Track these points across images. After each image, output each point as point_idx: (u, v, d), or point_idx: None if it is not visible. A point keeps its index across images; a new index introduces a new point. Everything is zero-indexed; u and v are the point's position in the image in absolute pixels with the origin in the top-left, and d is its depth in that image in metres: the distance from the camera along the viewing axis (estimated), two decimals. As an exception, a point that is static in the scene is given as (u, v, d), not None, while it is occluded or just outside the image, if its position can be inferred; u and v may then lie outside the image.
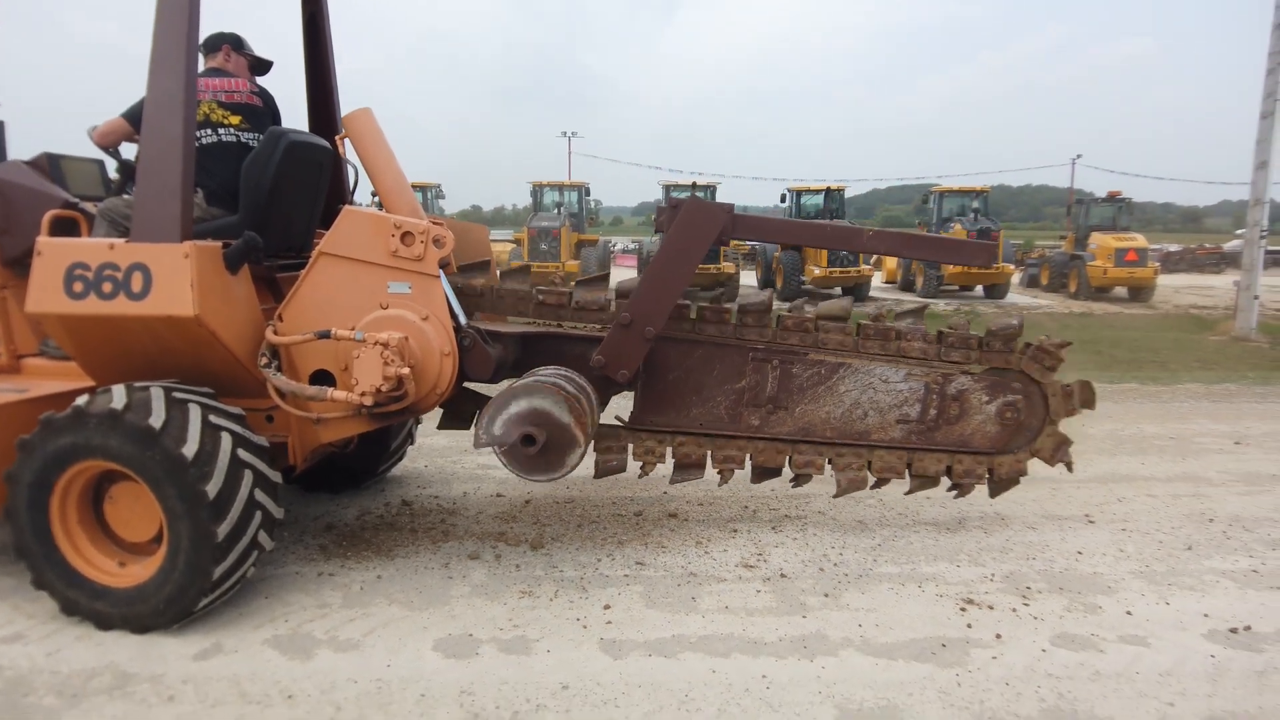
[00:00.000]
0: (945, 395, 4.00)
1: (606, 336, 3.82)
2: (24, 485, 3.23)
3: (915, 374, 3.99)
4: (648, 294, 3.77)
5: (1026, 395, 4.05)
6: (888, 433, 4.04)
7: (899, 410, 4.01)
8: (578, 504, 4.75)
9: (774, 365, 3.97)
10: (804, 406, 4.02)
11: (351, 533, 4.28)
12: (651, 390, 4.04)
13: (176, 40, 3.27)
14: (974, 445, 4.09)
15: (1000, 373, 4.05)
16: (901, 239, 4.07)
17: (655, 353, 3.93)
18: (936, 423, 4.02)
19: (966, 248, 4.12)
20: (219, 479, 3.12)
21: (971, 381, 4.02)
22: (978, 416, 4.05)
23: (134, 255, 3.25)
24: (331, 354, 3.50)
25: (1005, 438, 4.08)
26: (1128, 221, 22.69)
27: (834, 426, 4.03)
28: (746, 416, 4.02)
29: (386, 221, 3.42)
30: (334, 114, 4.52)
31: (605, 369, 3.81)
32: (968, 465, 4.12)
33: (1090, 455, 5.91)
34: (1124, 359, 11.47)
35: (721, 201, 3.86)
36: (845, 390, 4.01)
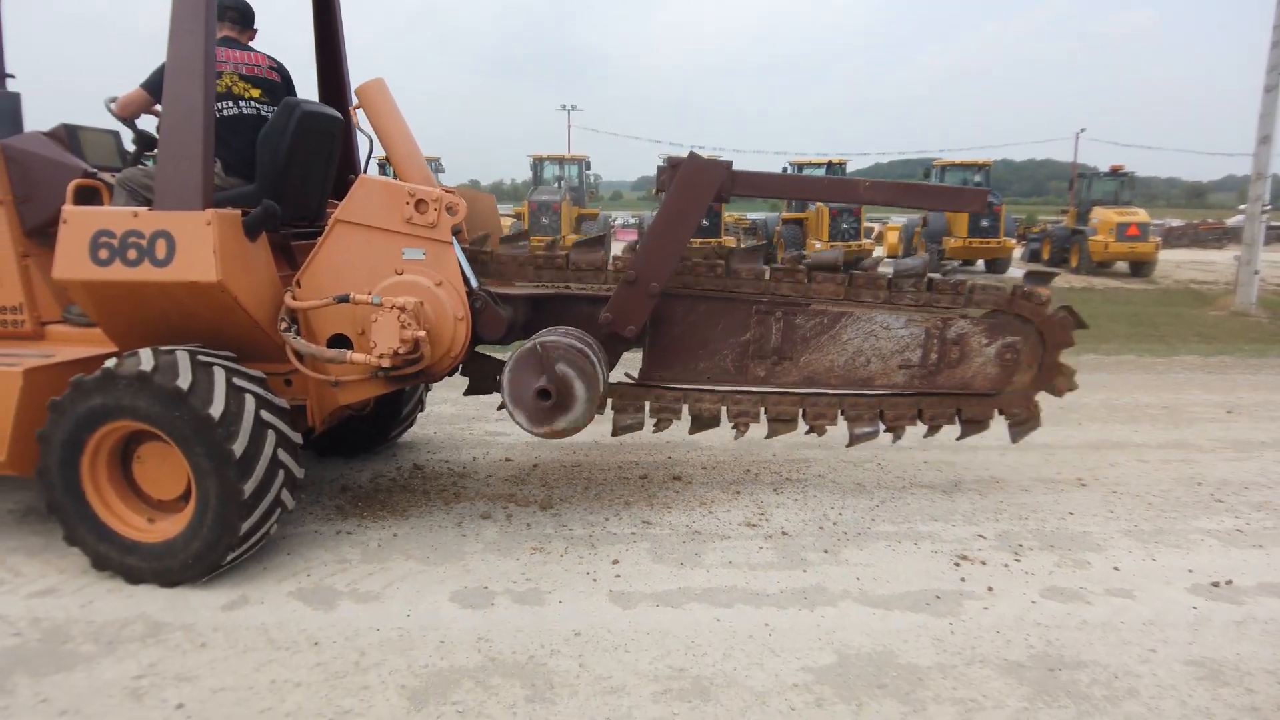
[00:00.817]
0: (945, 340, 4.07)
1: (613, 294, 3.91)
2: (56, 445, 3.36)
3: (915, 320, 4.06)
4: (651, 251, 3.86)
5: (1024, 335, 4.13)
6: (890, 378, 4.13)
7: (901, 356, 4.09)
8: (584, 467, 4.89)
9: (777, 317, 4.05)
10: (807, 356, 4.10)
11: (366, 494, 4.43)
12: (658, 346, 4.14)
13: (195, 10, 3.35)
14: (975, 388, 4.17)
15: (1004, 315, 4.11)
16: (898, 189, 4.10)
17: (661, 309, 4.01)
18: (938, 367, 4.10)
19: (962, 194, 4.17)
20: (244, 438, 3.25)
21: (970, 325, 4.08)
22: (978, 359, 4.12)
23: (157, 223, 3.36)
24: (349, 318, 3.62)
25: (1005, 379, 4.16)
26: (1130, 196, 22.70)
27: (838, 374, 4.11)
28: (753, 368, 4.11)
29: (401, 189, 3.53)
30: (343, 84, 4.60)
31: (612, 326, 3.89)
32: (976, 409, 4.22)
33: (1084, 422, 6.05)
34: (1123, 333, 11.56)
35: (720, 159, 3.92)
36: (848, 339, 4.08)
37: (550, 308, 4.08)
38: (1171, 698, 2.69)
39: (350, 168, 4.61)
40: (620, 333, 3.91)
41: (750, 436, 5.48)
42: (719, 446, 5.34)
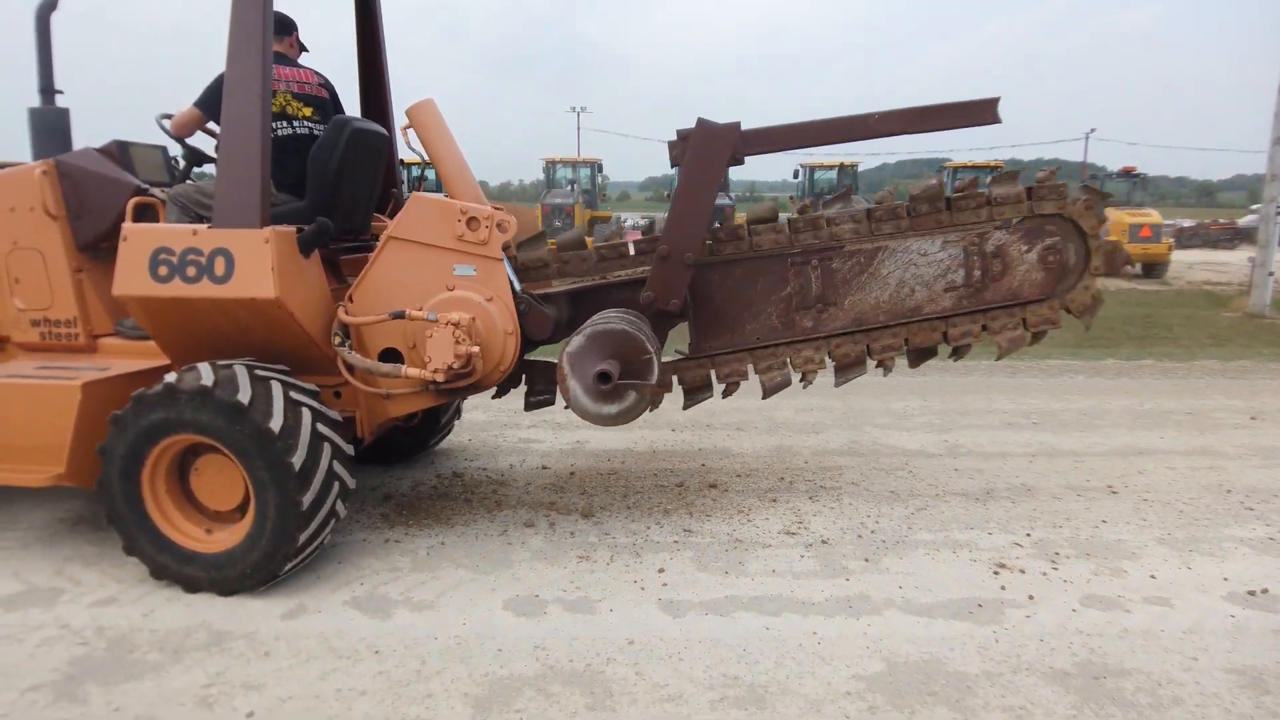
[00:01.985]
0: (985, 254, 4.02)
1: (650, 272, 3.94)
2: (117, 458, 3.45)
3: (951, 240, 4.02)
4: (678, 223, 3.87)
5: (1063, 235, 4.04)
6: (939, 303, 4.07)
7: (944, 279, 4.04)
8: (620, 475, 4.97)
9: (814, 265, 4.04)
10: (852, 297, 4.08)
11: (409, 502, 4.51)
12: (703, 316, 4.14)
13: (253, 31, 3.44)
14: (1024, 296, 4.08)
15: (1037, 219, 4.05)
16: (909, 115, 3.93)
17: (698, 280, 4.04)
18: (984, 283, 4.04)
19: (972, 107, 3.94)
20: (302, 451, 3.34)
21: (1006, 235, 4.02)
22: (1021, 267, 4.04)
23: (217, 240, 3.45)
24: (400, 333, 3.70)
25: (1053, 282, 4.05)
26: (1142, 197, 22.69)
27: (885, 310, 4.08)
28: (799, 321, 4.10)
29: (453, 207, 3.61)
30: (386, 100, 4.69)
31: (656, 303, 3.92)
32: (1014, 317, 4.14)
33: (1109, 429, 6.10)
34: (1138, 335, 11.59)
35: (734, 122, 3.86)
36: (888, 273, 4.05)
37: (592, 300, 4.11)
38: (1215, 705, 2.75)
39: (391, 182, 4.70)
40: (664, 308, 3.93)
41: (783, 443, 5.58)
42: (751, 453, 5.41)
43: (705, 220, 3.89)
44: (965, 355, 4.24)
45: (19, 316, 4.18)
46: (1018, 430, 6.05)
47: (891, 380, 7.79)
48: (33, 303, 4.16)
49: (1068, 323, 4.28)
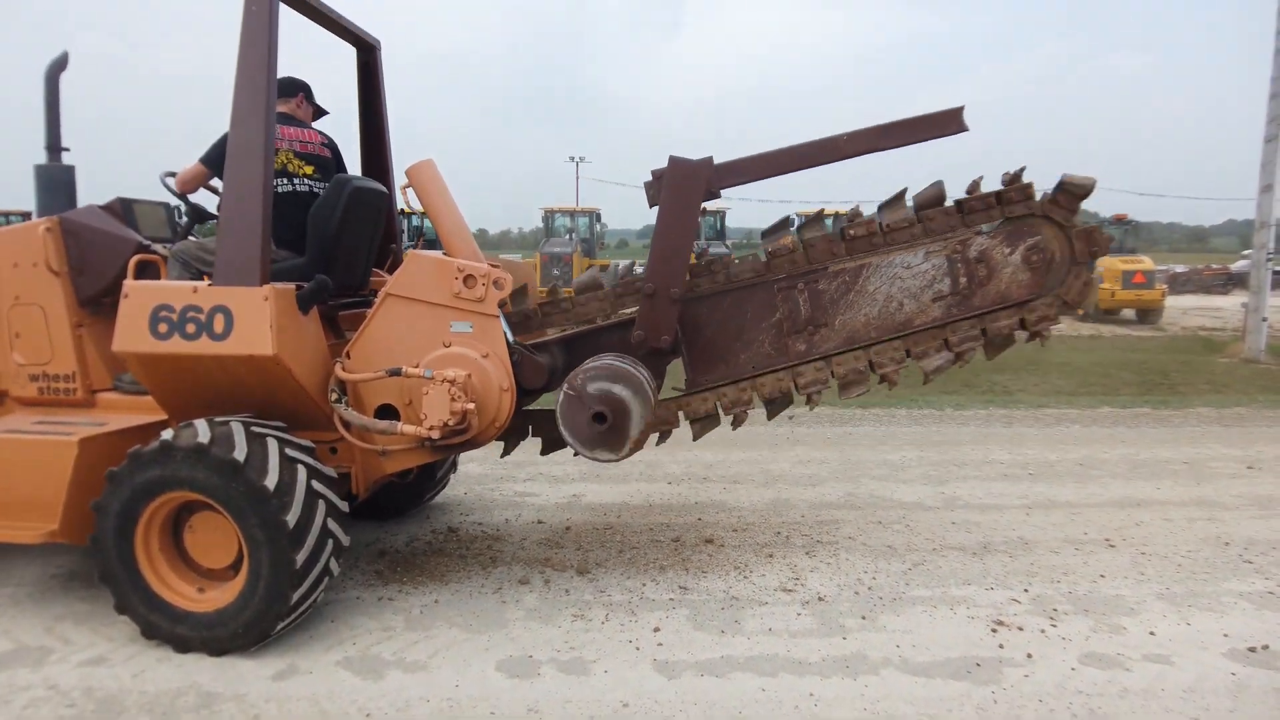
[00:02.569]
0: (969, 260, 3.99)
1: (638, 310, 3.96)
2: (112, 515, 3.44)
3: (934, 251, 4.00)
4: (660, 259, 3.90)
5: (1050, 243, 3.98)
6: (929, 314, 4.04)
7: (931, 290, 4.02)
8: (616, 530, 4.95)
9: (800, 288, 4.04)
10: (842, 318, 4.06)
11: (404, 558, 4.49)
12: (696, 351, 4.14)
13: (257, 95, 3.53)
14: (1014, 298, 4.03)
15: (1014, 221, 4.01)
16: (876, 132, 3.95)
17: (687, 314, 4.05)
18: (970, 289, 4.02)
19: (937, 118, 3.93)
20: (297, 509, 3.34)
21: (988, 239, 4.00)
22: (1007, 269, 4.01)
23: (216, 298, 3.49)
24: (396, 389, 3.73)
25: (1039, 280, 4.01)
26: (1134, 243, 22.94)
27: (875, 325, 4.06)
28: (792, 345, 4.09)
29: (450, 265, 3.67)
30: (386, 157, 4.78)
31: (647, 341, 3.94)
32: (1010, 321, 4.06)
33: (1105, 480, 6.10)
34: (1134, 382, 11.64)
35: (706, 157, 3.89)
36: (875, 288, 4.03)
37: (584, 345, 4.14)
38: (1219, 770, 2.72)
39: (390, 238, 4.77)
40: (656, 345, 3.95)
41: (779, 496, 5.56)
42: (748, 507, 5.40)
43: (686, 255, 3.92)
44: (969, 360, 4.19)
45: (18, 371, 4.21)
46: (1014, 481, 6.04)
47: (888, 431, 7.81)
48: (32, 357, 4.19)
49: (1066, 371, 4.30)
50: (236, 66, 3.54)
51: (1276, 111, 14.61)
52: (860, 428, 7.94)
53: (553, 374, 3.98)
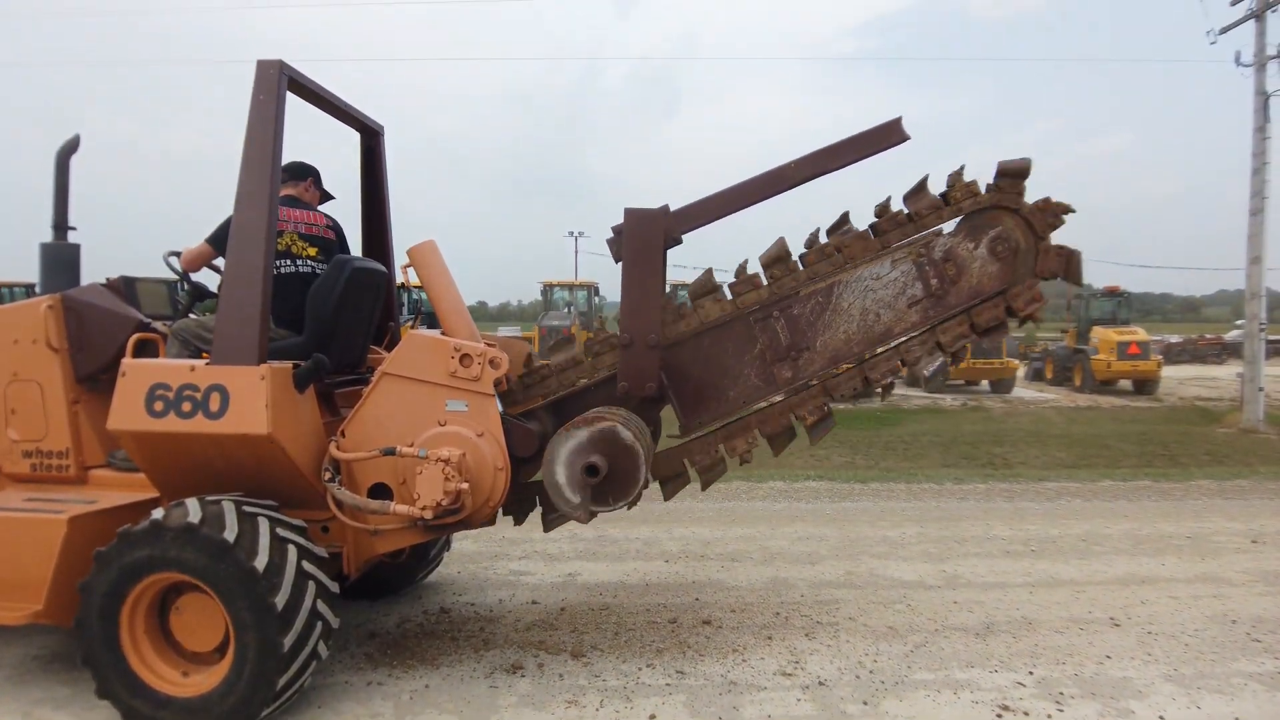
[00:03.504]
0: (936, 262, 3.96)
1: (619, 362, 3.95)
2: (98, 596, 3.39)
3: (899, 258, 3.98)
4: (631, 311, 3.91)
5: (1012, 231, 3.95)
6: (907, 320, 4.00)
7: (905, 296, 3.98)
8: (612, 611, 4.85)
9: (776, 316, 4.01)
10: (823, 338, 4.02)
11: (394, 641, 4.39)
12: (685, 394, 4.10)
13: (261, 180, 3.62)
14: (987, 290, 3.99)
15: (971, 217, 3.98)
16: (823, 154, 3.98)
17: (670, 360, 4.02)
18: (943, 289, 3.97)
19: (878, 133, 3.97)
20: (286, 591, 3.28)
21: (950, 239, 3.98)
22: (975, 264, 3.97)
23: (213, 377, 3.51)
24: (390, 468, 3.71)
25: (1010, 270, 3.96)
26: (1128, 315, 23.18)
27: (857, 340, 4.01)
28: (778, 373, 4.04)
29: (447, 344, 3.70)
30: (387, 236, 4.87)
31: (632, 390, 3.92)
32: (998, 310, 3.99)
33: (1109, 556, 6.02)
34: (1134, 453, 11.61)
35: (661, 206, 3.95)
36: (849, 304, 4.00)
37: (572, 406, 4.11)
38: None
39: (389, 316, 4.82)
40: (641, 394, 3.93)
41: (778, 574, 5.47)
42: (746, 586, 5.31)
43: (657, 302, 3.93)
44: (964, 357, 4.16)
45: (11, 447, 4.19)
46: (1016, 558, 5.96)
47: (889, 506, 7.74)
48: (27, 434, 4.18)
49: (1065, 443, 4.30)
50: (243, 151, 3.65)
51: (1259, 186, 15.00)
52: (859, 503, 7.87)
53: (543, 440, 3.96)
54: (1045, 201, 3.92)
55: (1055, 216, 3.91)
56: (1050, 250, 3.92)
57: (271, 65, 3.69)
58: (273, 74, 3.67)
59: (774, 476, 9.02)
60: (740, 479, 8.94)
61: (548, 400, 4.11)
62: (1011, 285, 3.97)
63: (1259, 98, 15.00)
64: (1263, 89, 14.93)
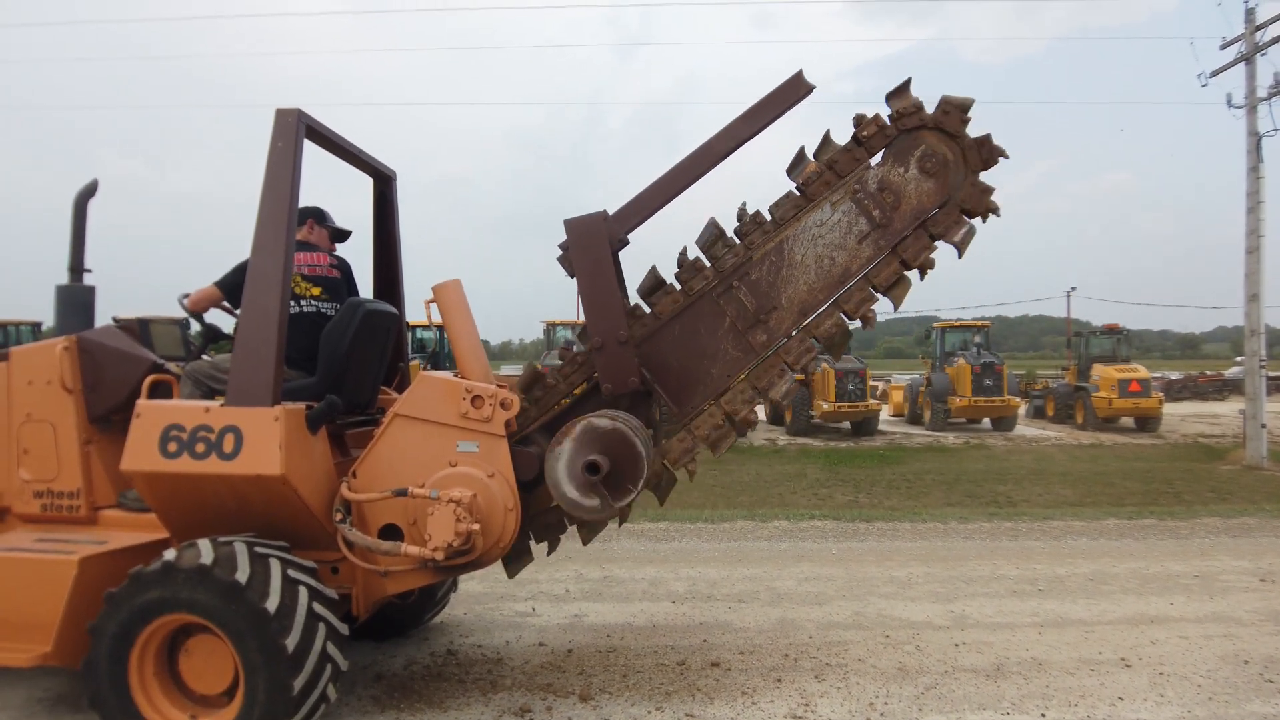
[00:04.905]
0: (873, 194, 3.98)
1: (598, 365, 3.96)
2: (108, 637, 3.38)
3: (836, 200, 4.01)
4: (594, 314, 3.95)
5: (934, 145, 3.99)
6: (862, 255, 4.02)
7: (854, 234, 4.00)
8: (620, 653, 4.82)
9: (736, 285, 4.02)
10: (787, 293, 4.03)
11: (401, 683, 4.36)
12: (671, 385, 4.09)
13: (278, 227, 3.70)
14: (929, 208, 4.01)
15: (895, 143, 4.01)
16: (739, 122, 4.05)
17: (647, 355, 4.04)
18: (888, 217, 3.99)
19: (784, 90, 4.02)
20: (297, 633, 3.28)
21: (881, 169, 4.01)
22: (911, 186, 3.99)
23: (227, 418, 3.55)
24: (401, 509, 3.73)
25: (944, 186, 3.98)
26: (1128, 352, 23.24)
27: (822, 288, 4.03)
28: (753, 339, 4.05)
29: (459, 386, 3.74)
30: (397, 280, 4.94)
31: (617, 389, 3.93)
32: (951, 217, 4.00)
33: (1117, 596, 5.99)
34: (1138, 491, 11.58)
35: (597, 211, 4.00)
36: (803, 255, 4.02)
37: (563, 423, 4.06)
38: None
39: (400, 356, 4.87)
40: (625, 390, 3.94)
41: (786, 615, 5.44)
42: (754, 628, 5.28)
43: (617, 301, 3.96)
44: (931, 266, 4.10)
45: (23, 488, 4.21)
46: (1024, 598, 5.93)
47: (895, 545, 7.71)
48: (39, 474, 4.20)
49: (1069, 480, 4.31)
50: (260, 198, 3.73)
51: (1255, 225, 15.16)
52: (864, 542, 7.84)
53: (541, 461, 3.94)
54: (986, 138, 3.98)
55: (991, 155, 3.96)
56: (978, 185, 3.98)
57: (290, 114, 3.79)
58: (291, 122, 3.77)
59: (778, 515, 9.00)
60: (745, 518, 8.92)
61: (542, 420, 4.11)
62: (949, 198, 4.00)
63: (1251, 138, 15.24)
64: (1255, 130, 15.17)
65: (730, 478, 12.32)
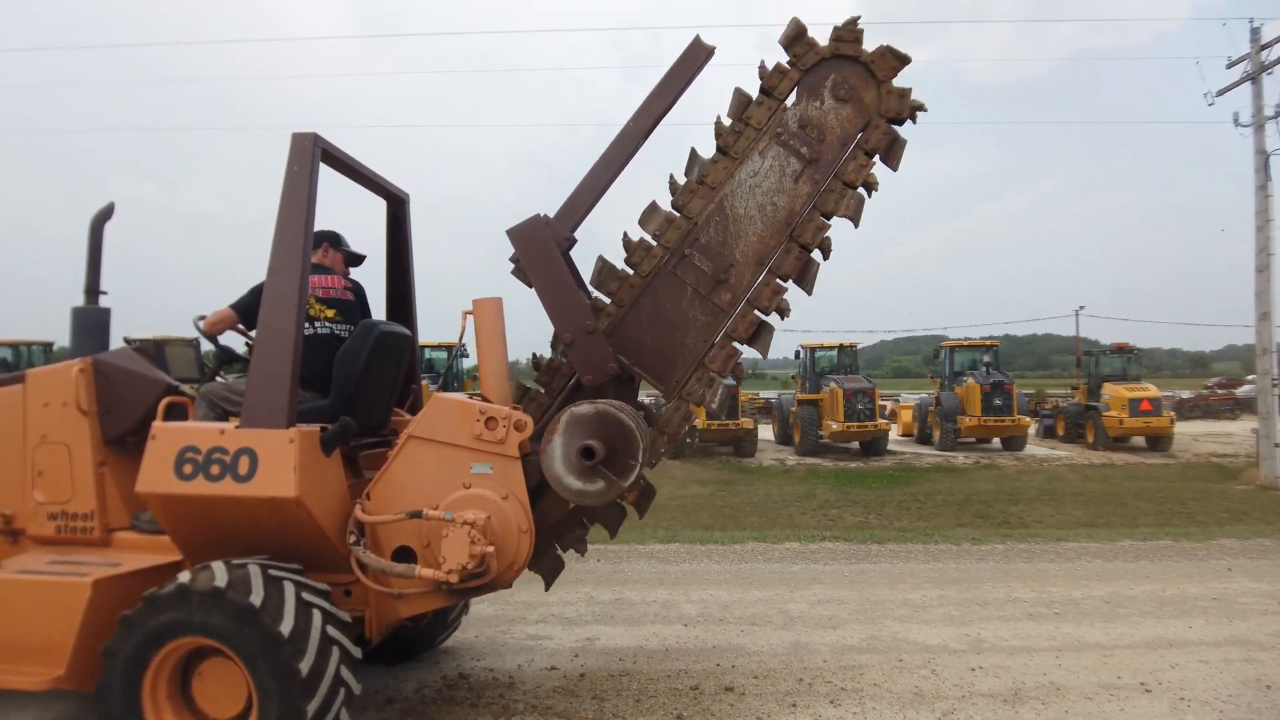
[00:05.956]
0: (795, 132, 4.00)
1: (572, 359, 3.97)
2: (121, 660, 3.36)
3: (761, 148, 4.03)
4: (556, 312, 3.95)
5: (844, 74, 4.03)
6: (801, 192, 4.02)
7: (788, 175, 4.01)
8: (633, 677, 4.78)
9: (688, 253, 4.03)
10: (740, 248, 4.04)
11: (413, 707, 4.32)
12: (651, 365, 4.09)
13: (293, 250, 3.72)
14: (854, 129, 4.02)
15: (804, 79, 4.03)
16: (650, 99, 4.12)
17: (619, 342, 4.03)
18: (817, 151, 4.01)
19: (687, 57, 4.10)
20: (310, 656, 3.26)
21: (797, 108, 4.03)
22: (831, 114, 4.02)
23: (242, 440, 3.55)
24: (415, 531, 3.71)
25: (862, 106, 4.01)
26: (1138, 371, 23.11)
27: (771, 235, 4.03)
28: (719, 299, 4.04)
29: (472, 408, 3.74)
30: (410, 301, 4.96)
31: (596, 379, 3.92)
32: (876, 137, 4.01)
33: (1134, 619, 5.92)
34: (1151, 511, 11.48)
35: (533, 216, 4.03)
36: (745, 208, 4.03)
37: None
38: None
39: (412, 378, 4.88)
40: (605, 377, 3.92)
41: (799, 639, 5.39)
42: (767, 651, 5.23)
43: (575, 295, 3.98)
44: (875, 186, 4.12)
45: (37, 509, 4.21)
46: (1040, 621, 5.86)
47: (907, 568, 7.64)
48: (53, 495, 4.20)
49: (1080, 501, 4.28)
50: (276, 222, 3.75)
51: (1264, 243, 15.13)
52: (877, 564, 7.78)
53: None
54: (883, 47, 4.01)
55: (897, 60, 3.99)
56: (892, 92, 3.99)
57: (306, 138, 3.82)
58: (307, 146, 3.80)
59: (789, 537, 8.94)
60: (755, 539, 8.86)
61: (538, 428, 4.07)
62: (870, 120, 4.02)
63: (1259, 156, 15.24)
64: (1262, 148, 15.18)
65: (739, 498, 12.26)
